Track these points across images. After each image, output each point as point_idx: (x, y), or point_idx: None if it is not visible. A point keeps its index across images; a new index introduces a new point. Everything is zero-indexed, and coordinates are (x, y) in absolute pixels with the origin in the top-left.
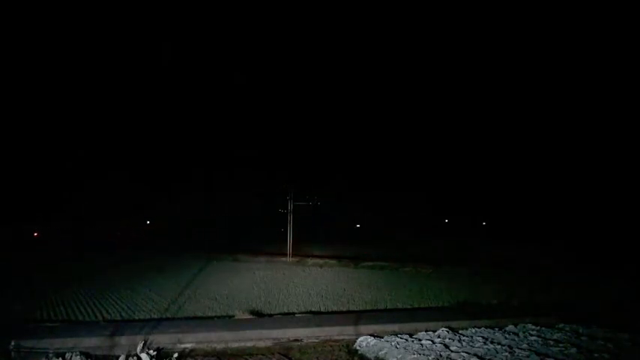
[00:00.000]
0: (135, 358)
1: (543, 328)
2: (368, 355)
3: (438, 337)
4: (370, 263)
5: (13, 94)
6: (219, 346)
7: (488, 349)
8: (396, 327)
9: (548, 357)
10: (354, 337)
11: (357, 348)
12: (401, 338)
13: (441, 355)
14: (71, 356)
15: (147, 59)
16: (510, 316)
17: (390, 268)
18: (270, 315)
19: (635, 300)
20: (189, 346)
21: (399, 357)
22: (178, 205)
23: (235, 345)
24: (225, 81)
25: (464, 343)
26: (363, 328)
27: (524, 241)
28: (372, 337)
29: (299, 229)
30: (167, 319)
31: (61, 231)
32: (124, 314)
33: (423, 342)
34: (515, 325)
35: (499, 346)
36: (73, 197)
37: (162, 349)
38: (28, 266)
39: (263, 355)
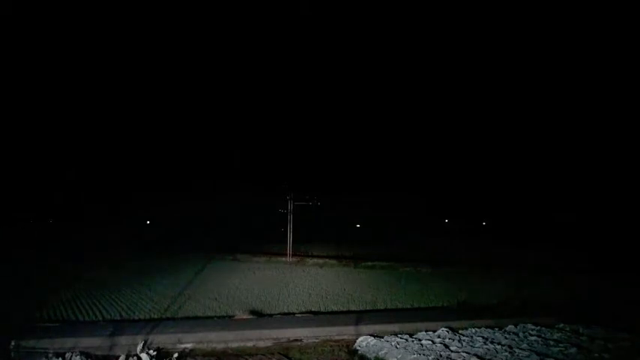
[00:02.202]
0: (135, 358)
1: (543, 328)
2: (368, 355)
3: (438, 337)
4: (370, 263)
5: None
6: (219, 346)
7: (488, 349)
8: (396, 327)
9: (548, 357)
10: (354, 337)
11: (357, 348)
12: (401, 338)
13: (441, 355)
14: (71, 356)
15: (151, 62)
16: (510, 316)
17: (390, 268)
18: (270, 315)
19: (635, 302)
20: (189, 346)
21: (399, 357)
22: (178, 206)
23: (235, 345)
24: (225, 81)
25: (464, 343)
26: (363, 328)
27: (524, 242)
28: (372, 337)
29: (299, 229)
30: (167, 319)
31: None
32: (123, 314)
33: (423, 342)
34: (515, 325)
35: (499, 346)
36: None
37: (162, 349)
38: None
39: (263, 355)
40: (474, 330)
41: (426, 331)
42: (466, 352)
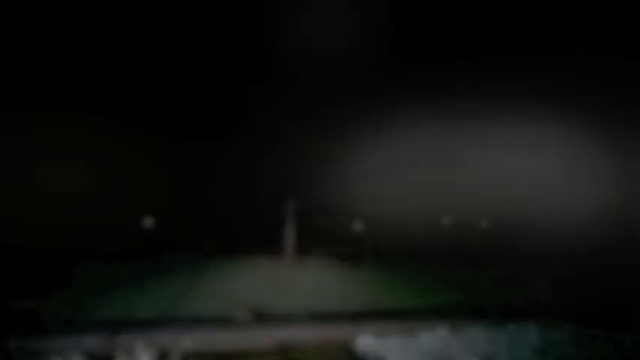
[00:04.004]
0: (135, 358)
1: (543, 328)
2: (368, 354)
3: (438, 336)
4: (370, 263)
5: None
6: (219, 347)
7: (489, 349)
8: (396, 327)
9: (548, 357)
10: (354, 336)
11: (357, 348)
12: (401, 338)
13: (441, 355)
14: (71, 356)
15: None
16: (510, 316)
17: (390, 267)
18: (270, 315)
19: (636, 302)
20: (189, 346)
21: (399, 356)
22: (175, 203)
23: (235, 345)
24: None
25: (464, 343)
26: (363, 327)
27: (524, 241)
28: (372, 337)
29: (299, 229)
30: (167, 319)
31: None
32: (123, 314)
33: (423, 342)
34: (516, 325)
35: (499, 346)
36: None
37: (162, 349)
38: None
39: (263, 355)
40: (474, 330)
41: (426, 330)
42: (466, 352)
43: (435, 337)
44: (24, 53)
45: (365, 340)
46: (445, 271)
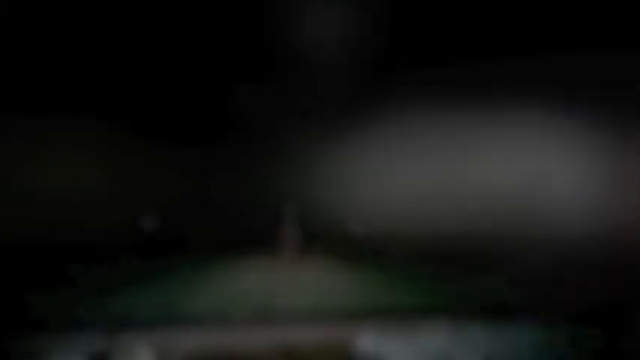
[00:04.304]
0: (135, 358)
1: (544, 328)
2: (368, 355)
3: (438, 337)
4: (371, 262)
5: None
6: (219, 347)
7: (488, 349)
8: (396, 327)
9: (549, 357)
10: (354, 337)
11: (357, 348)
12: (401, 338)
13: (441, 355)
14: (71, 356)
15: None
16: (510, 316)
17: (391, 267)
18: (270, 315)
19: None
20: (189, 346)
21: (399, 356)
22: (175, 203)
23: (235, 346)
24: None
25: (464, 343)
26: (363, 328)
27: (525, 240)
28: (372, 337)
29: (299, 229)
30: (167, 319)
31: None
32: (122, 314)
33: (423, 342)
34: (516, 325)
35: (499, 346)
36: None
37: (162, 349)
38: None
39: (262, 355)
40: (474, 330)
41: (426, 331)
42: (466, 352)
43: (435, 337)
44: (23, 53)
45: (365, 340)
46: (445, 271)
